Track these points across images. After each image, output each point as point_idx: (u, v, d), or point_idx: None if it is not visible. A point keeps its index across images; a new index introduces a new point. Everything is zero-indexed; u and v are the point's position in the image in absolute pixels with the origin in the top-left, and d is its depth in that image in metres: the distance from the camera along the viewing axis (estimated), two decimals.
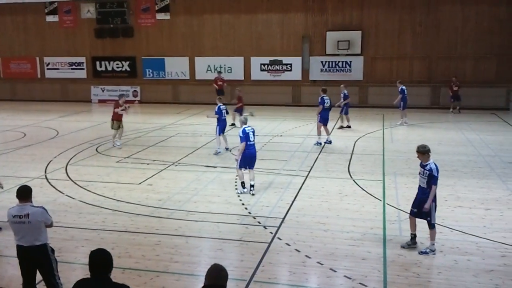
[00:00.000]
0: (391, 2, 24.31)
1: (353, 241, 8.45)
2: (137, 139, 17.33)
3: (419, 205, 7.94)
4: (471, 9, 23.53)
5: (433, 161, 7.99)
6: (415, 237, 8.21)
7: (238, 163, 11.22)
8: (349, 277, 7.20)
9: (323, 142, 16.18)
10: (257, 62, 26.10)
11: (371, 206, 10.25)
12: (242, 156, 11.08)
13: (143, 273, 7.42)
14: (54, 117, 22.99)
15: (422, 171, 7.97)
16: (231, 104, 19.82)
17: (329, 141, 16.25)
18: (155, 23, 27.25)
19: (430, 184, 7.82)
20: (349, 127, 19.07)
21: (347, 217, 9.63)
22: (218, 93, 22.60)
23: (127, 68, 28.02)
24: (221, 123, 15.00)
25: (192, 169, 13.27)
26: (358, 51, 24.72)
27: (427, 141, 8.78)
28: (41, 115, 23.44)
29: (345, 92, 18.83)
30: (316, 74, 25.50)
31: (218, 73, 24.89)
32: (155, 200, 10.76)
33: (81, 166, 13.83)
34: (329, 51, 24.99)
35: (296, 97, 26.00)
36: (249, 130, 11.10)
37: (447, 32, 23.88)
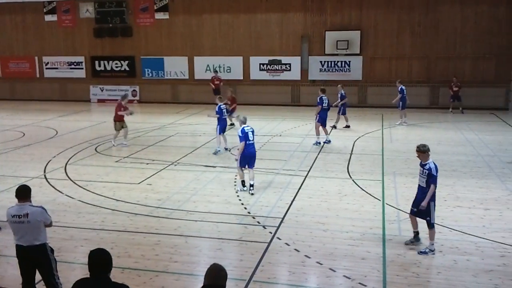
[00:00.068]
0: (390, 2, 24.32)
1: (353, 241, 8.46)
2: (136, 139, 17.31)
3: (419, 204, 7.96)
4: (470, 9, 23.53)
5: (433, 160, 8.02)
6: (417, 234, 8.26)
7: (238, 163, 11.26)
8: (348, 277, 7.21)
9: (322, 142, 16.20)
10: (256, 62, 26.08)
11: (370, 206, 10.26)
12: (241, 155, 11.11)
13: (142, 272, 7.42)
14: (53, 116, 22.97)
15: (421, 170, 8.01)
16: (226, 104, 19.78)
17: (328, 141, 16.26)
18: (154, 23, 27.23)
19: (429, 183, 7.85)
20: (348, 126, 19.06)
21: (346, 217, 9.64)
22: (214, 92, 22.62)
23: (126, 67, 28.00)
24: (222, 123, 15.01)
25: (191, 168, 13.26)
26: (357, 51, 24.72)
27: (426, 141, 8.77)
28: (40, 115, 23.42)
29: (342, 92, 18.77)
30: (315, 74, 25.50)
31: (214, 73, 24.89)
32: (155, 199, 10.75)
33: (80, 165, 13.82)
34: (328, 51, 25.00)
35: (295, 97, 25.99)
36: (248, 129, 11.13)
37: (446, 32, 23.89)
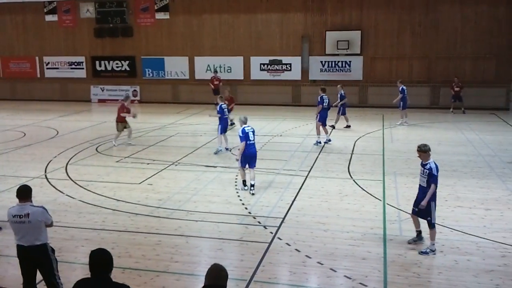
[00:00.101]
0: (390, 2, 24.31)
1: (353, 241, 8.46)
2: (137, 139, 17.30)
3: (419, 204, 7.96)
4: (470, 9, 23.52)
5: (433, 160, 8.02)
6: (420, 233, 8.28)
7: (239, 163, 11.27)
8: (349, 277, 7.21)
9: (322, 141, 16.20)
10: (256, 62, 26.08)
11: (371, 206, 10.26)
12: (242, 155, 11.12)
13: (143, 273, 7.42)
14: (54, 116, 22.98)
15: (422, 170, 8.02)
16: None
17: (328, 140, 16.25)
18: (155, 23, 27.23)
19: (429, 183, 7.85)
20: (349, 126, 19.04)
21: (347, 217, 9.64)
22: (214, 92, 22.60)
23: (127, 67, 28.00)
24: (223, 122, 15.02)
25: (192, 168, 13.26)
26: (357, 51, 24.71)
27: (427, 141, 8.77)
28: (41, 115, 23.42)
29: (342, 92, 18.74)
30: (315, 74, 25.49)
31: (214, 73, 24.88)
32: (155, 199, 10.75)
33: (81, 165, 13.83)
34: (328, 51, 24.99)
35: (295, 97, 25.99)
36: (248, 129, 11.14)
37: (446, 32, 23.88)
